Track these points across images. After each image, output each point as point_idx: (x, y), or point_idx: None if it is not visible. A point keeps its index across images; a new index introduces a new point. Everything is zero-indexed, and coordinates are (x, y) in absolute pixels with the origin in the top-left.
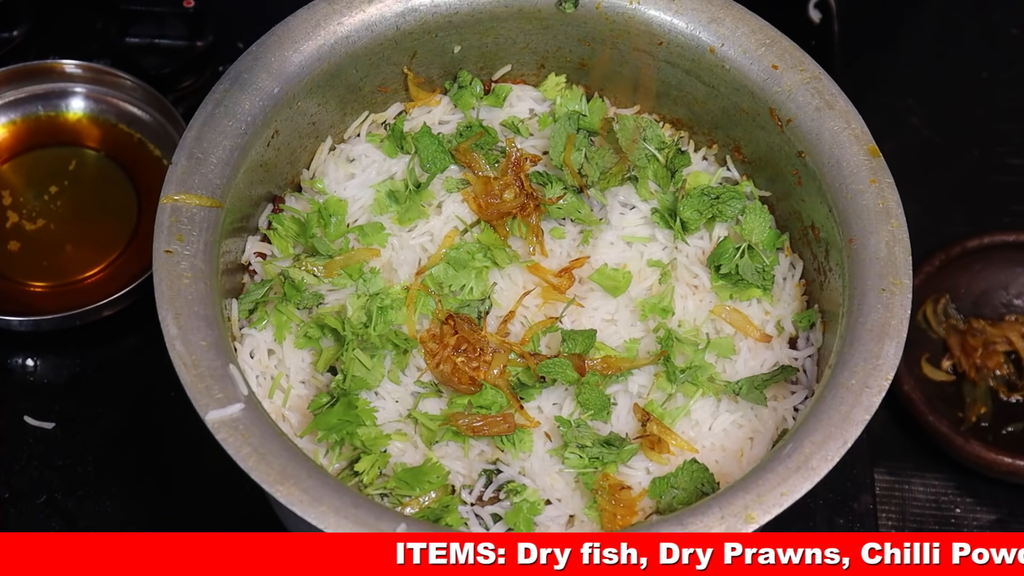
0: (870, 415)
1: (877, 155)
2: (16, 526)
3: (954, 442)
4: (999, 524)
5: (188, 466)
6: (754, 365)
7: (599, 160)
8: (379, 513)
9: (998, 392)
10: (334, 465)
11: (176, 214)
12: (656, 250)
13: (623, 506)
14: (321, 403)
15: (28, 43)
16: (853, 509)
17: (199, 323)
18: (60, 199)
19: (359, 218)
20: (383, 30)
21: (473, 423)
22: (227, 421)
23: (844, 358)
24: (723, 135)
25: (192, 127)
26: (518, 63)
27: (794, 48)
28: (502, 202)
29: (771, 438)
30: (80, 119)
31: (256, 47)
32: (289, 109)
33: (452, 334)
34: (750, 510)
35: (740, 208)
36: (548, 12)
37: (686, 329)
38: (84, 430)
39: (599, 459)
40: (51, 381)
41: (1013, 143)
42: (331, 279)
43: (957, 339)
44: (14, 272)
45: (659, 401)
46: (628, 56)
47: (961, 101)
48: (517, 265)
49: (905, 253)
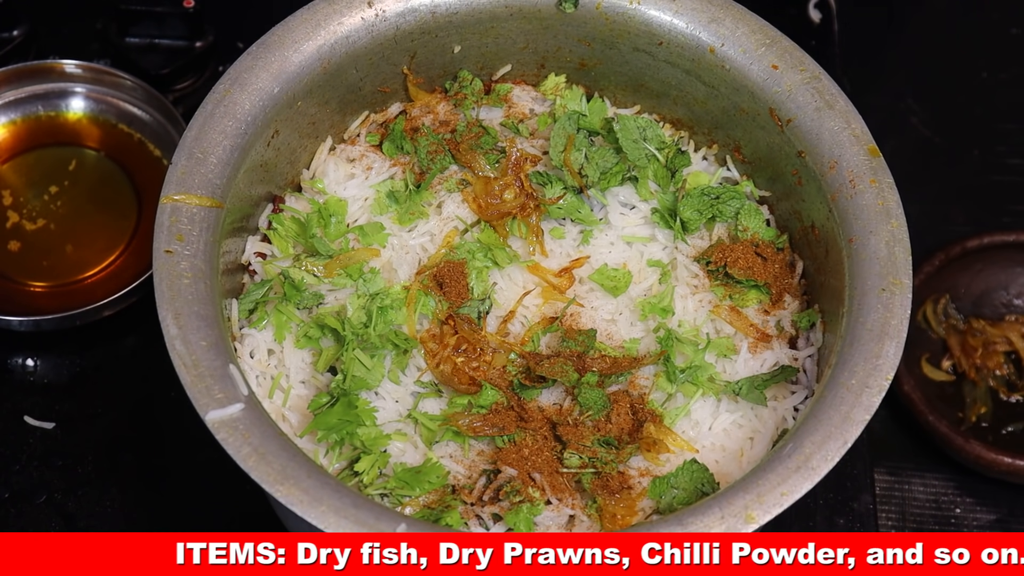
0: (870, 415)
1: (877, 155)
2: (16, 526)
3: (954, 442)
4: (999, 524)
5: (188, 466)
6: (754, 365)
7: (599, 160)
8: (379, 513)
9: (998, 392)
10: (334, 465)
11: (176, 214)
12: (656, 250)
13: (623, 506)
14: (321, 403)
15: (28, 43)
16: (853, 509)
17: (199, 323)
18: (60, 199)
19: (359, 218)
20: (383, 30)
21: (473, 423)
22: (227, 421)
23: (844, 358)
24: (723, 135)
25: (192, 127)
26: (518, 63)
27: (794, 48)
28: (502, 202)
29: (771, 438)
30: (80, 119)
31: (256, 47)
32: (289, 109)
33: (452, 334)
34: (750, 510)
35: (739, 208)
36: (548, 12)
37: (686, 329)
38: (84, 430)
39: (598, 459)
40: (51, 381)
41: (1013, 143)
42: (331, 279)
43: (957, 339)
44: (14, 272)
45: (659, 401)
46: (628, 56)
47: (961, 101)
48: (517, 265)
49: (905, 253)
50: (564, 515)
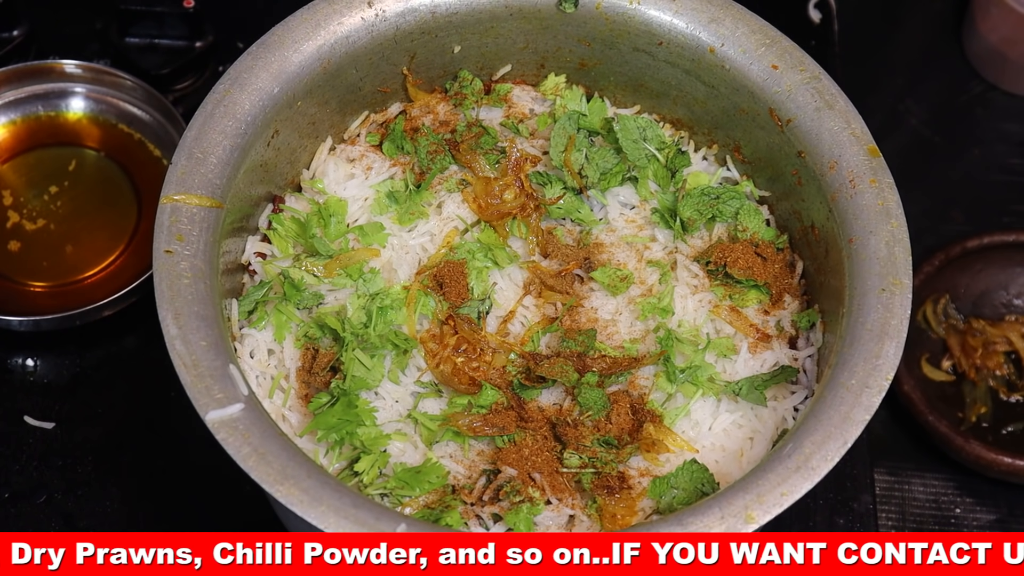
0: (870, 415)
1: (877, 155)
2: (16, 526)
3: (954, 442)
4: (999, 524)
5: (188, 466)
6: (754, 365)
7: (599, 160)
8: (379, 513)
9: (998, 392)
10: (334, 465)
11: (176, 214)
12: (656, 250)
13: (623, 506)
14: (321, 403)
15: (28, 43)
16: (853, 509)
17: (199, 323)
18: (60, 199)
19: (359, 218)
20: (383, 30)
21: (473, 423)
22: (227, 421)
23: (844, 358)
24: (723, 135)
25: (192, 127)
26: (518, 63)
27: (794, 48)
28: (502, 202)
29: (771, 438)
30: (80, 119)
31: (256, 47)
32: (289, 109)
33: (452, 334)
34: (750, 510)
35: (739, 208)
36: (548, 12)
37: (686, 329)
38: (84, 430)
39: (598, 459)
40: (51, 381)
41: (1013, 143)
42: (331, 279)
43: (957, 339)
44: (14, 272)
45: (659, 401)
46: (628, 56)
47: (961, 101)
48: (517, 265)
49: (905, 253)
50: (564, 515)
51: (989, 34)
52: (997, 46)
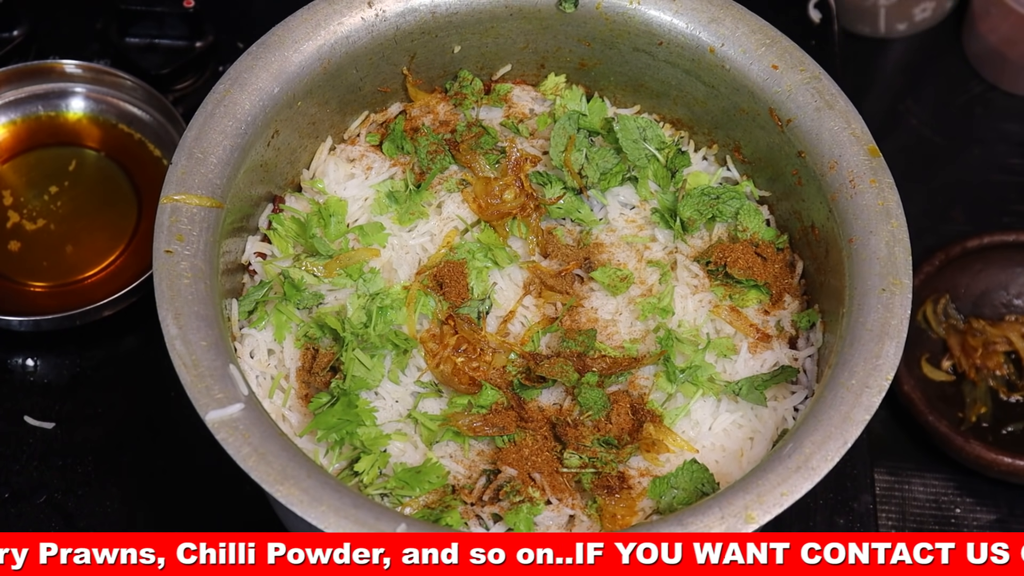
0: (870, 415)
1: (877, 155)
2: (16, 526)
3: (954, 442)
4: (999, 524)
5: (188, 466)
6: (754, 365)
7: (599, 160)
8: (379, 513)
9: (998, 392)
10: (334, 465)
11: (176, 214)
12: (656, 250)
13: (623, 506)
14: (321, 403)
15: (28, 43)
16: (853, 509)
17: (199, 323)
18: (60, 199)
19: (359, 218)
20: (383, 30)
21: (473, 423)
22: (227, 421)
23: (844, 358)
24: (723, 135)
25: (192, 127)
26: (518, 63)
27: (794, 48)
28: (502, 202)
29: (771, 438)
30: (80, 119)
31: (256, 47)
32: (289, 109)
33: (452, 334)
34: (750, 510)
35: (739, 208)
36: (548, 12)
37: (686, 329)
38: (84, 430)
39: (598, 459)
40: (51, 381)
41: (1013, 143)
42: (331, 279)
43: (957, 339)
44: (14, 272)
45: (659, 401)
46: (628, 56)
47: (961, 101)
48: (517, 265)
49: (905, 253)
50: (564, 515)
51: (989, 34)
52: (997, 46)
